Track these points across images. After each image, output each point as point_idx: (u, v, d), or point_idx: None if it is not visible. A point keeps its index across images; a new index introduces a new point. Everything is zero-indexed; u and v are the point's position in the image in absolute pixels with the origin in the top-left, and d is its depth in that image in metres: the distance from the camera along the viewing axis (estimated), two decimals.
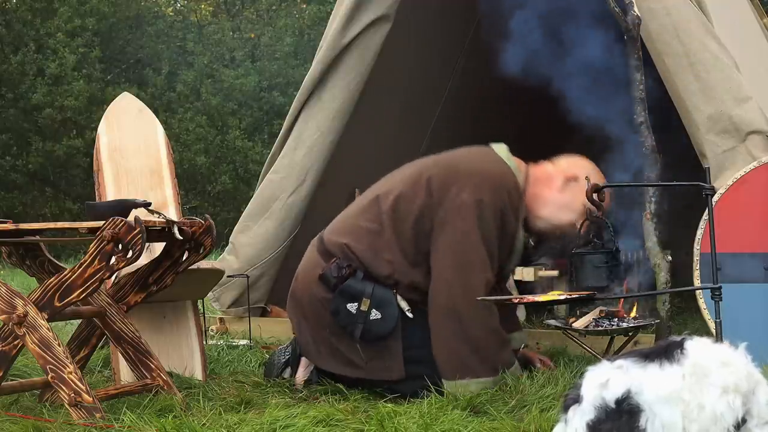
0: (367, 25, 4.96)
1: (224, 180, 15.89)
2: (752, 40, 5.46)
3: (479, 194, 3.57)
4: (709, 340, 2.21)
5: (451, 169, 3.68)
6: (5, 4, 16.84)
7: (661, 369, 2.09)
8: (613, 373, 2.10)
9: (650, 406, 2.06)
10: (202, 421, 3.11)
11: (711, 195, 3.70)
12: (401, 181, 3.73)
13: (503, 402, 3.32)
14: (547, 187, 3.79)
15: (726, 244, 3.83)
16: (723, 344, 2.22)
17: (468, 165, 3.70)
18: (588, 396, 2.09)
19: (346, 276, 3.60)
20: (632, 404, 2.05)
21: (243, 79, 16.52)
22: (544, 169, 3.86)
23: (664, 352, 2.13)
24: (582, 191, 3.69)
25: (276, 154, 5.24)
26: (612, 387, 2.07)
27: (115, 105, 4.21)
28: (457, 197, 3.57)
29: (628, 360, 2.13)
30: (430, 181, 3.64)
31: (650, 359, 2.12)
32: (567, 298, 3.67)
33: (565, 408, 2.15)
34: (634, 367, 2.11)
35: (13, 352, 3.24)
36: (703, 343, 2.16)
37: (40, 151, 15.37)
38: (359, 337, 3.57)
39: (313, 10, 17.80)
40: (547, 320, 4.03)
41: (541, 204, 3.78)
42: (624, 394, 2.05)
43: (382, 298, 3.57)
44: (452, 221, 3.57)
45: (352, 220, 3.76)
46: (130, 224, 3.13)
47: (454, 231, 3.56)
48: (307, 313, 3.71)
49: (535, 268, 5.21)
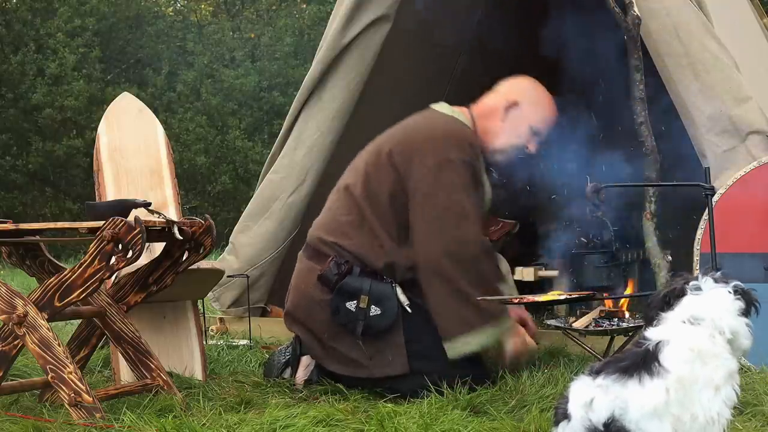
0: (367, 25, 4.96)
1: (224, 180, 15.90)
2: (752, 40, 5.46)
3: (443, 155, 3.61)
4: (673, 325, 2.18)
5: (408, 140, 3.71)
6: (5, 4, 16.84)
7: (641, 385, 2.08)
8: (596, 393, 2.09)
9: (636, 424, 2.05)
10: (202, 421, 3.11)
11: (711, 195, 3.71)
12: (364, 166, 3.76)
13: (503, 402, 3.32)
14: (491, 121, 3.84)
15: (726, 244, 3.83)
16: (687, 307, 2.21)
17: (423, 131, 3.73)
18: (576, 415, 2.09)
19: (345, 272, 3.61)
20: (618, 427, 2.05)
21: (243, 79, 16.53)
22: (484, 103, 3.90)
23: (643, 364, 2.11)
24: (525, 114, 3.80)
25: (276, 154, 5.24)
26: (597, 409, 2.07)
27: (115, 105, 4.21)
28: (422, 165, 3.61)
29: (608, 376, 2.10)
30: (391, 157, 3.67)
31: (629, 374, 2.09)
32: (567, 298, 3.67)
33: (556, 422, 2.15)
34: (614, 385, 2.08)
35: (13, 352, 3.24)
36: (676, 347, 2.13)
37: (40, 151, 15.38)
38: (361, 333, 3.57)
39: (313, 10, 17.81)
40: (547, 320, 4.03)
41: (492, 138, 3.83)
42: (609, 418, 2.05)
43: (381, 292, 3.58)
44: (422, 188, 3.59)
45: (331, 218, 3.78)
46: (130, 224, 3.13)
47: (426, 196, 3.59)
48: (307, 322, 3.72)
49: (535, 268, 5.20)
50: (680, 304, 2.23)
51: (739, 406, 2.81)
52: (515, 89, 3.90)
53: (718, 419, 2.08)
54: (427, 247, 3.57)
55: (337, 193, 3.83)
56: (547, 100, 3.90)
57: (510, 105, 3.84)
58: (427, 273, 3.58)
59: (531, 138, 3.85)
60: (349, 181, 3.78)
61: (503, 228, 5.41)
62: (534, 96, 3.89)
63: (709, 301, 2.20)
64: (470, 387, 3.45)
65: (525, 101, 3.85)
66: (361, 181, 3.72)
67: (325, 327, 3.65)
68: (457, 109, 3.88)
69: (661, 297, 2.29)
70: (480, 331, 3.56)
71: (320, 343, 3.69)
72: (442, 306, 3.57)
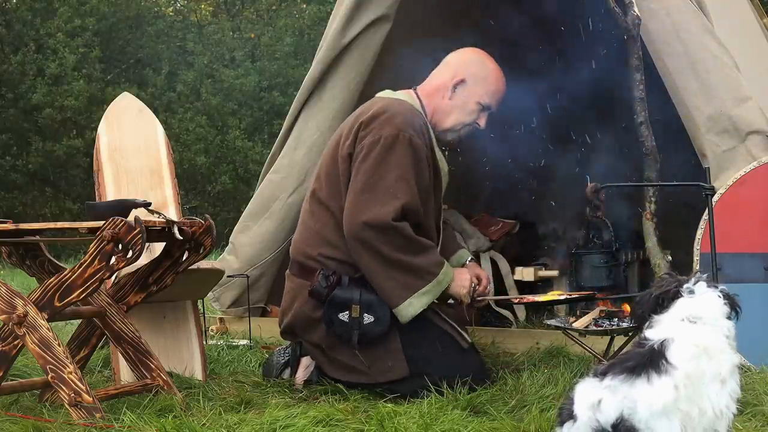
0: (367, 25, 4.96)
1: (224, 180, 15.89)
2: (752, 40, 5.46)
3: (378, 134, 3.55)
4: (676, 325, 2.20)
5: (350, 130, 3.66)
6: (5, 4, 16.84)
7: (650, 384, 2.09)
8: (604, 394, 2.10)
9: (645, 423, 2.06)
10: (202, 421, 3.11)
11: (711, 195, 3.71)
12: (324, 167, 3.74)
13: (503, 402, 3.32)
14: (439, 99, 3.79)
15: (726, 244, 3.83)
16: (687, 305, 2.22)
17: (367, 114, 3.65)
18: (582, 417, 2.09)
19: (335, 284, 3.59)
20: (627, 427, 2.06)
21: (243, 79, 16.52)
22: (430, 82, 3.86)
23: (650, 363, 2.12)
24: (472, 90, 3.75)
25: (276, 154, 5.24)
26: (605, 410, 2.08)
27: (115, 105, 4.21)
28: (375, 135, 3.56)
29: (616, 377, 2.12)
30: (344, 148, 3.63)
31: (637, 373, 2.11)
32: (567, 298, 3.67)
33: (561, 422, 2.15)
34: (622, 385, 2.10)
35: (13, 352, 3.24)
36: (681, 344, 2.14)
37: (40, 151, 15.38)
38: (357, 342, 3.57)
39: (313, 10, 17.80)
40: (547, 320, 4.03)
41: (441, 117, 3.79)
42: (618, 418, 2.06)
43: (371, 300, 3.56)
44: (360, 165, 3.55)
45: (308, 228, 3.74)
46: (130, 224, 3.13)
47: (362, 171, 3.55)
48: (305, 337, 3.72)
49: (535, 268, 5.20)
50: (675, 305, 2.25)
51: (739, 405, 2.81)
52: (460, 64, 3.83)
53: (726, 412, 2.10)
54: (351, 218, 3.52)
55: (307, 203, 3.81)
56: (495, 73, 3.83)
57: (457, 82, 3.79)
58: (354, 245, 3.54)
59: (481, 114, 3.81)
60: (314, 187, 3.76)
61: (503, 228, 5.42)
62: (480, 70, 3.81)
63: (705, 303, 2.23)
64: (470, 387, 3.45)
65: (471, 76, 3.79)
66: (324, 182, 3.70)
67: (323, 339, 3.66)
68: (401, 92, 3.82)
69: (653, 298, 2.30)
70: (421, 291, 3.54)
71: (322, 351, 3.69)
72: (376, 276, 3.55)
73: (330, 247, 3.65)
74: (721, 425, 2.11)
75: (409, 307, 3.54)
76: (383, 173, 3.53)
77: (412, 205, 3.54)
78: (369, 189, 3.53)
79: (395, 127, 3.56)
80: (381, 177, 3.52)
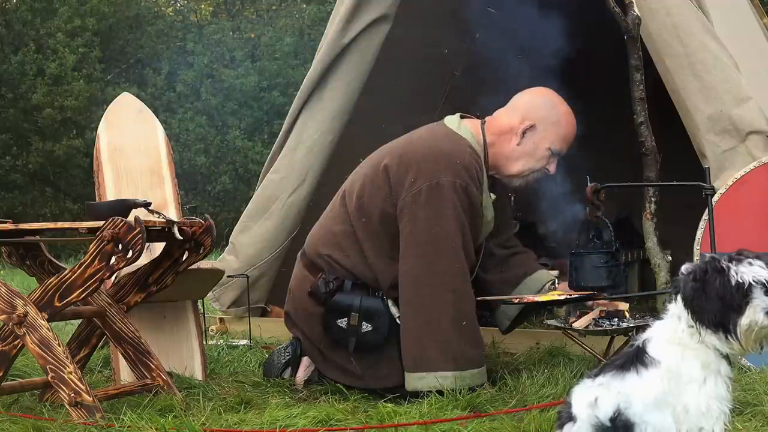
0: (367, 25, 4.96)
1: (224, 180, 15.90)
2: (752, 40, 5.46)
3: (435, 177, 3.46)
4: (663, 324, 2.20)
5: (404, 157, 3.57)
6: (5, 4, 16.85)
7: (639, 376, 2.11)
8: (599, 391, 2.13)
9: (641, 417, 2.09)
10: (202, 421, 3.11)
11: (711, 195, 3.71)
12: (364, 174, 3.67)
13: (503, 402, 3.32)
14: (506, 143, 3.64)
15: (726, 244, 3.83)
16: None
17: (420, 149, 3.56)
18: (581, 415, 2.12)
19: (335, 289, 3.58)
20: (624, 420, 2.08)
21: (243, 79, 16.52)
22: (499, 121, 3.69)
23: (636, 358, 2.14)
24: (543, 136, 3.61)
25: (276, 154, 5.24)
26: (602, 407, 2.10)
27: (115, 105, 4.21)
28: (413, 186, 3.48)
29: (607, 375, 2.14)
30: (387, 171, 3.55)
31: (625, 369, 2.14)
32: (567, 298, 3.67)
33: (560, 425, 2.17)
34: (614, 381, 2.13)
35: (13, 352, 3.25)
36: (661, 341, 2.15)
37: (40, 151, 15.38)
38: (353, 349, 3.56)
39: (313, 10, 17.81)
40: (547, 320, 4.03)
41: (508, 163, 3.65)
42: (615, 412, 2.08)
43: (371, 308, 3.55)
44: (411, 210, 3.47)
45: (327, 226, 3.72)
46: (130, 224, 3.13)
47: (415, 220, 3.47)
48: (305, 330, 3.73)
49: None
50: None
51: (738, 405, 2.81)
52: (531, 108, 3.66)
53: (707, 412, 2.10)
54: (410, 280, 3.47)
55: (336, 199, 3.78)
56: (566, 118, 3.67)
57: (526, 128, 3.62)
58: (406, 306, 3.50)
59: (551, 160, 3.67)
60: (347, 188, 3.72)
61: None
62: (552, 114, 3.65)
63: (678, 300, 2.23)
64: (470, 387, 3.44)
65: (542, 122, 3.63)
66: (356, 192, 3.63)
67: (320, 338, 3.66)
68: (468, 123, 3.68)
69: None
70: (440, 375, 3.42)
71: (319, 351, 3.70)
72: (411, 340, 3.48)
73: (341, 253, 3.63)
74: (707, 424, 2.11)
75: (419, 381, 3.44)
76: (438, 227, 3.44)
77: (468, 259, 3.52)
78: (422, 244, 3.45)
79: (452, 172, 3.46)
80: (436, 231, 3.44)
